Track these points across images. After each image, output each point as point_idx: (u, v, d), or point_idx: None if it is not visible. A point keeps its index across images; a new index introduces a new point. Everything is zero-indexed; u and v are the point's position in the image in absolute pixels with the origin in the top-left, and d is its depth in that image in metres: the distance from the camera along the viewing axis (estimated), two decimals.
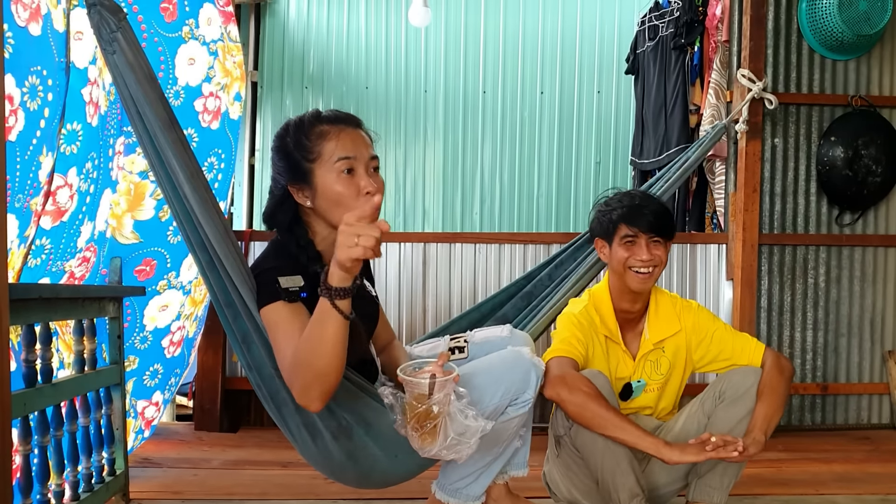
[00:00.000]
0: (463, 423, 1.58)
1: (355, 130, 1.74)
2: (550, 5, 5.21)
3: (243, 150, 5.09)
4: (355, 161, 1.69)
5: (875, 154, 3.70)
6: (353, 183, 1.68)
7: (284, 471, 2.94)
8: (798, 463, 3.13)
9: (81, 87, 2.23)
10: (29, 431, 1.83)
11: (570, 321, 2.19)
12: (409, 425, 1.58)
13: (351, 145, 1.70)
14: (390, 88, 5.16)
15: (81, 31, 2.21)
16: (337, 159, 1.68)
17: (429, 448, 1.59)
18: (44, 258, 2.20)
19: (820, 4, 3.63)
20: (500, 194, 5.24)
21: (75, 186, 2.25)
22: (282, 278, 1.63)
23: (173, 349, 3.02)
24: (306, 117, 1.76)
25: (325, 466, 1.84)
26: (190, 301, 3.04)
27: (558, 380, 1.97)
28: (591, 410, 1.93)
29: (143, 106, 1.82)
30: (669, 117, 4.06)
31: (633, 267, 2.15)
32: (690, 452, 1.86)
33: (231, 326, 1.80)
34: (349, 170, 1.68)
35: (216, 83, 2.95)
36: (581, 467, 2.10)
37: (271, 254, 1.76)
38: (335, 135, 1.70)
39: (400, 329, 3.73)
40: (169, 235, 2.84)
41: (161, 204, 2.78)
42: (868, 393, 3.80)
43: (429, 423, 1.57)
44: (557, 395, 1.96)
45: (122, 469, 2.40)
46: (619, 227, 2.16)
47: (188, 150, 1.84)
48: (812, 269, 3.78)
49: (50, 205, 2.13)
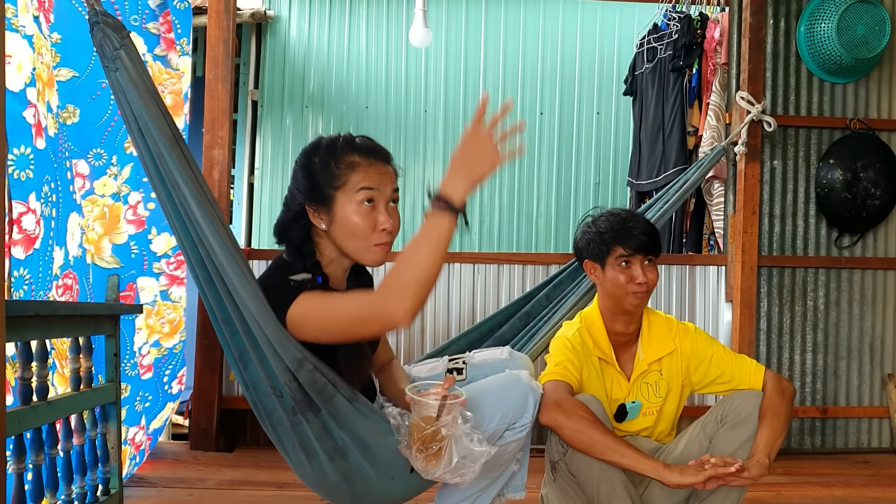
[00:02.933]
0: (468, 447, 1.58)
1: (383, 165, 1.76)
2: (550, 27, 5.24)
3: (243, 169, 5.10)
4: (377, 193, 1.72)
5: (874, 177, 3.71)
6: (372, 217, 1.71)
7: (280, 491, 2.92)
8: (798, 487, 3.11)
9: (22, 110, 2.20)
10: (23, 449, 1.81)
11: (564, 345, 2.17)
12: (415, 446, 1.57)
13: (377, 179, 1.72)
14: (390, 108, 5.17)
15: (10, 54, 2.19)
16: (359, 189, 1.70)
17: (432, 470, 1.58)
18: (25, 289, 2.17)
19: (818, 28, 3.66)
20: (500, 214, 5.24)
21: (39, 211, 2.22)
22: (292, 277, 1.68)
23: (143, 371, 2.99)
24: (340, 142, 1.77)
25: (320, 486, 1.82)
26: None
27: (554, 405, 1.94)
28: (589, 436, 1.91)
29: (146, 122, 1.82)
30: (667, 139, 4.08)
31: (632, 290, 2.13)
32: (689, 474, 1.84)
33: (228, 343, 1.79)
34: (369, 200, 1.71)
35: None
36: (578, 492, 2.08)
37: (275, 274, 1.76)
38: (365, 168, 1.72)
39: (398, 349, 3.72)
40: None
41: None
42: (868, 416, 3.78)
43: (434, 445, 1.56)
44: (554, 421, 1.94)
45: (117, 488, 2.37)
46: (613, 248, 2.14)
47: (193, 165, 1.83)
48: (811, 292, 3.77)
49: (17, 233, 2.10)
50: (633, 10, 5.07)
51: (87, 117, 2.66)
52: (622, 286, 2.13)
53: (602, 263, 2.18)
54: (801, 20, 3.74)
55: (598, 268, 2.20)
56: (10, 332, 1.71)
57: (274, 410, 1.75)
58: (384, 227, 1.71)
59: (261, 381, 1.75)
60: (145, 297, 2.91)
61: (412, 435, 1.58)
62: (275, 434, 1.78)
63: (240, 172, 5.10)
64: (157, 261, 2.93)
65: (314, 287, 1.68)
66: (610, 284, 2.16)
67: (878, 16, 3.63)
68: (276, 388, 1.71)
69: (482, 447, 1.59)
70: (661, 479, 1.86)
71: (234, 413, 3.70)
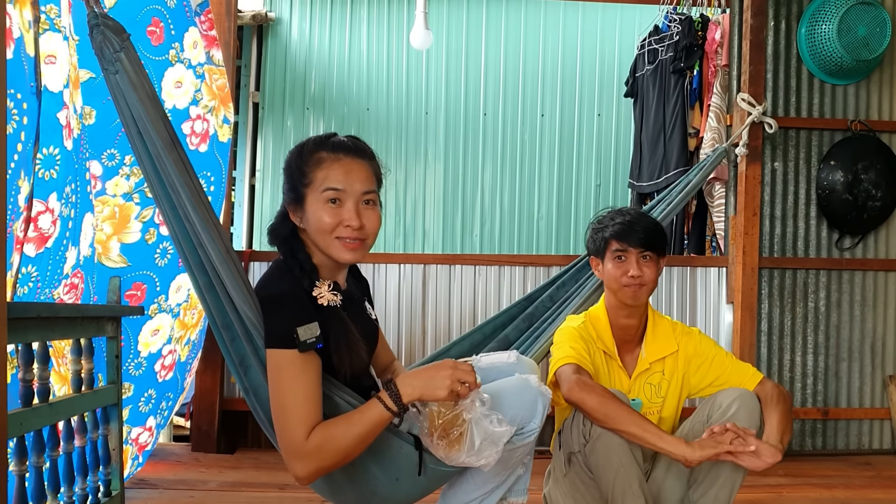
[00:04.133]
0: (488, 429, 1.60)
1: (353, 161, 1.73)
2: (551, 28, 5.24)
3: (244, 171, 5.11)
4: (343, 193, 1.69)
5: (875, 178, 3.71)
6: (338, 214, 1.68)
7: (281, 493, 2.92)
8: (799, 488, 3.10)
9: (57, 111, 2.21)
10: (25, 451, 1.82)
11: (571, 334, 2.21)
12: (436, 434, 1.59)
13: (342, 177, 1.69)
14: (391, 110, 5.17)
15: (54, 54, 2.19)
16: (324, 189, 1.68)
17: (455, 455, 1.61)
18: (31, 286, 2.18)
19: (819, 30, 3.66)
20: (501, 216, 5.24)
21: (57, 211, 2.23)
22: (300, 328, 1.60)
23: (164, 373, 2.99)
24: (311, 141, 1.76)
25: (325, 488, 1.82)
26: (179, 324, 3.02)
27: (577, 382, 1.99)
28: (614, 408, 1.94)
29: (145, 125, 1.82)
30: (668, 140, 4.08)
31: (624, 283, 2.18)
32: (708, 446, 1.87)
33: (228, 349, 1.79)
34: (334, 200, 1.69)
35: (203, 106, 2.96)
36: (590, 488, 2.08)
37: (276, 278, 1.74)
38: (328, 164, 1.70)
39: (399, 351, 3.72)
40: (157, 258, 2.83)
41: (147, 226, 2.77)
42: (869, 418, 3.78)
43: (455, 430, 1.59)
44: (578, 395, 1.98)
45: (119, 490, 2.37)
46: (610, 242, 2.21)
47: (190, 169, 1.83)
48: (812, 293, 3.77)
49: (32, 231, 2.11)
50: (634, 12, 5.07)
51: (103, 118, 2.67)
52: (616, 279, 2.20)
53: (602, 258, 2.25)
54: (802, 22, 3.74)
55: (599, 262, 2.27)
56: (11, 334, 1.71)
57: None
58: (347, 224, 1.68)
59: (261, 386, 1.75)
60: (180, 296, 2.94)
61: (432, 422, 1.60)
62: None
63: (241, 174, 5.11)
64: None
65: (307, 350, 1.61)
66: (607, 278, 2.23)
67: (879, 17, 3.63)
68: None
69: (502, 427, 1.62)
70: (682, 455, 1.88)
71: (235, 415, 3.70)
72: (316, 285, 1.69)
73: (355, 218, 1.68)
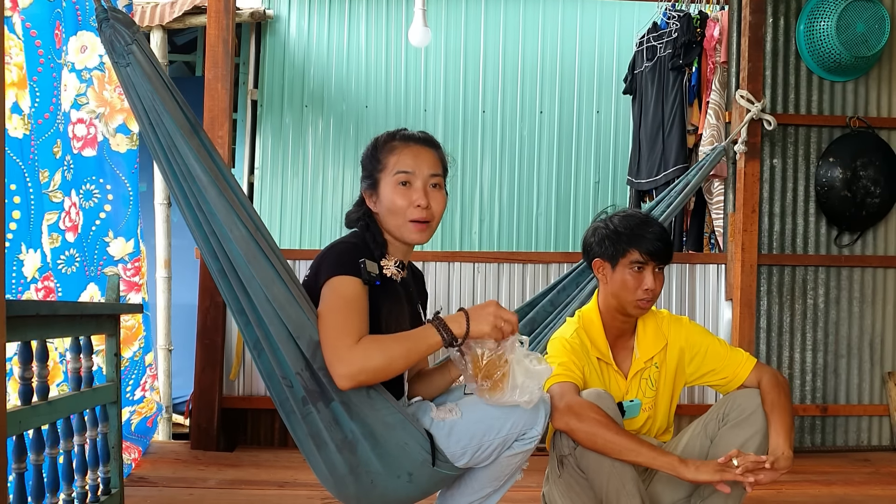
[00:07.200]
0: (529, 368, 1.71)
1: (422, 148, 1.88)
2: (550, 25, 5.24)
3: (243, 169, 5.10)
4: (412, 176, 1.84)
5: (873, 175, 3.71)
6: (407, 195, 1.83)
7: (281, 491, 2.92)
8: (798, 485, 3.11)
9: None
10: (24, 449, 1.82)
11: (563, 346, 2.16)
12: (480, 375, 1.69)
13: (412, 161, 1.85)
14: (390, 107, 5.16)
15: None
16: (396, 172, 1.84)
17: (499, 396, 1.70)
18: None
19: (818, 26, 3.66)
20: (499, 213, 5.24)
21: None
22: (366, 262, 1.76)
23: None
24: (385, 134, 1.93)
25: (328, 479, 1.82)
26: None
27: (566, 410, 1.95)
28: (603, 437, 1.91)
29: (161, 115, 1.86)
30: (667, 137, 4.07)
31: (639, 297, 2.13)
32: (706, 472, 1.85)
33: (244, 333, 1.85)
34: (404, 182, 1.83)
35: (88, 110, 2.92)
36: (584, 488, 2.08)
37: (350, 239, 1.86)
38: (400, 150, 1.86)
39: None
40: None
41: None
42: (868, 414, 3.79)
43: (497, 371, 1.69)
44: (567, 426, 1.94)
45: (118, 488, 2.37)
46: (629, 251, 2.13)
47: (215, 153, 1.91)
48: (811, 290, 3.78)
49: None
50: (633, 9, 5.07)
51: None
52: (631, 291, 2.13)
53: (613, 263, 2.17)
54: (801, 18, 3.74)
55: (607, 267, 2.19)
56: (10, 332, 1.71)
57: (286, 400, 1.79)
58: (418, 204, 1.81)
59: (273, 371, 1.79)
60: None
61: (476, 364, 1.70)
62: (288, 423, 1.82)
63: (240, 172, 5.10)
64: (115, 265, 2.91)
65: (369, 283, 1.75)
66: (618, 286, 2.16)
67: (878, 14, 3.63)
68: (286, 377, 1.76)
69: (542, 366, 1.72)
70: (677, 475, 1.88)
71: (234, 412, 3.70)
72: (385, 257, 1.84)
73: (423, 197, 1.83)
